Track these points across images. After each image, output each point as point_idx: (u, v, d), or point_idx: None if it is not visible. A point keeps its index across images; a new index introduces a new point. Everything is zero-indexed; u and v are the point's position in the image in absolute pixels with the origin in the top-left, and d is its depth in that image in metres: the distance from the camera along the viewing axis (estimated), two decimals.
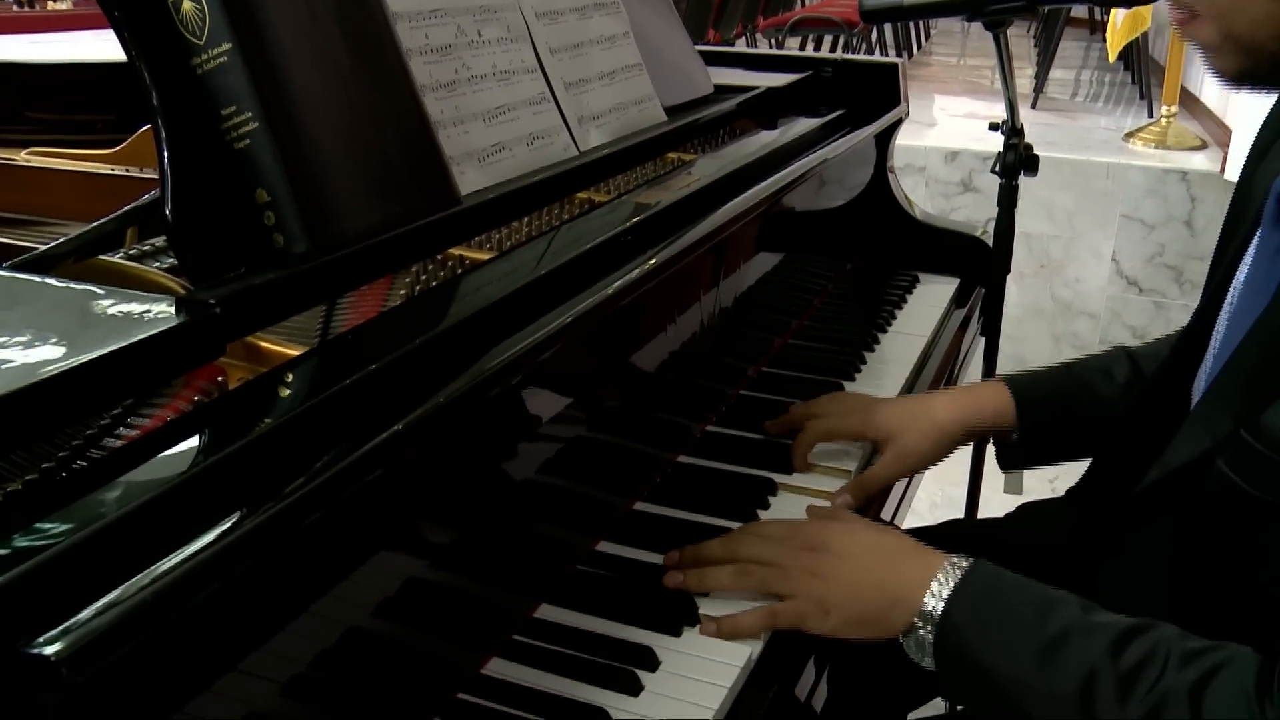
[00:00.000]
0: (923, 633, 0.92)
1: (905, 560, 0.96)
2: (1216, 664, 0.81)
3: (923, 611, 0.92)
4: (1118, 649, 0.84)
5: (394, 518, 0.82)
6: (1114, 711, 0.82)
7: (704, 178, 1.27)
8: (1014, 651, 0.87)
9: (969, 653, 0.90)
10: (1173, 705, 0.80)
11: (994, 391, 1.26)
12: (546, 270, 0.98)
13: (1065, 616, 0.88)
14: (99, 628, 0.56)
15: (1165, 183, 3.35)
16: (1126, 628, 0.85)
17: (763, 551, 1.00)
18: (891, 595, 0.94)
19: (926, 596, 0.92)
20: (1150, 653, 0.83)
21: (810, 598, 0.96)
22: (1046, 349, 3.58)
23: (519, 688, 0.91)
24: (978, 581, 0.92)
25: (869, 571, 0.97)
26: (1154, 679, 0.81)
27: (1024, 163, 1.80)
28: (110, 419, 0.74)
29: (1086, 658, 0.84)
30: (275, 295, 0.83)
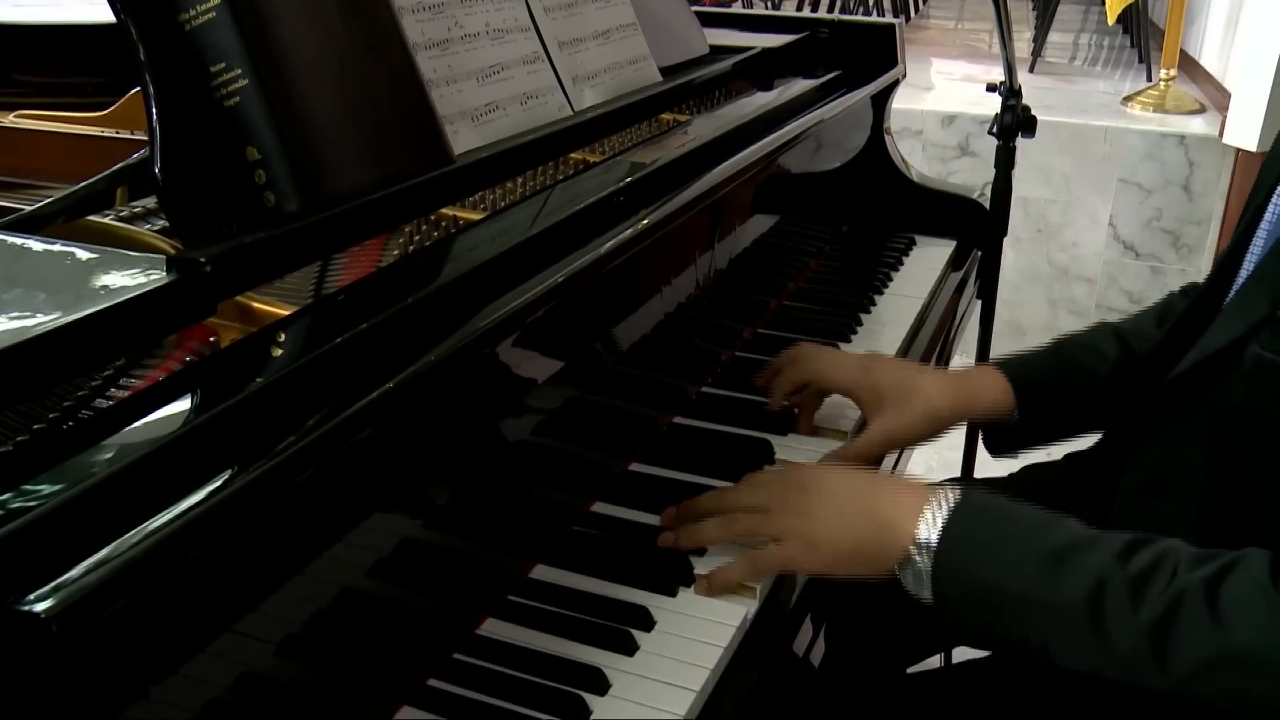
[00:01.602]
0: (919, 562, 0.90)
1: (894, 491, 0.95)
2: (1228, 562, 0.81)
3: (917, 539, 0.89)
4: (1125, 556, 0.83)
5: (387, 477, 0.82)
6: (1126, 616, 0.81)
7: (699, 138, 1.26)
8: (1017, 566, 0.85)
9: (969, 574, 0.88)
10: (1188, 603, 0.79)
11: (989, 377, 1.23)
12: (540, 230, 0.97)
13: (1067, 530, 0.87)
14: (89, 585, 0.56)
15: (1163, 147, 3.33)
16: (1131, 538, 0.85)
17: (750, 498, 1.00)
18: (881, 524, 0.92)
19: (921, 524, 0.90)
20: (1159, 558, 0.82)
21: (796, 536, 0.95)
22: (1043, 314, 3.57)
23: (514, 648, 0.91)
24: (972, 504, 0.90)
25: (856, 503, 0.95)
26: (1166, 580, 0.80)
27: (1022, 124, 1.80)
28: (102, 380, 0.73)
29: (1093, 566, 0.83)
30: (266, 254, 0.82)
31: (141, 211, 0.97)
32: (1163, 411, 1.00)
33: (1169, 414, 1.00)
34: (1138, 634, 0.80)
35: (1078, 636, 0.83)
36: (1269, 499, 0.91)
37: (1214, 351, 0.94)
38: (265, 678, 0.73)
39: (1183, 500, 0.96)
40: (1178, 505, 0.96)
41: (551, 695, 0.86)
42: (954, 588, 0.88)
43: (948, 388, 1.22)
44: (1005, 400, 1.22)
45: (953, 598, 0.89)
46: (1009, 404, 1.22)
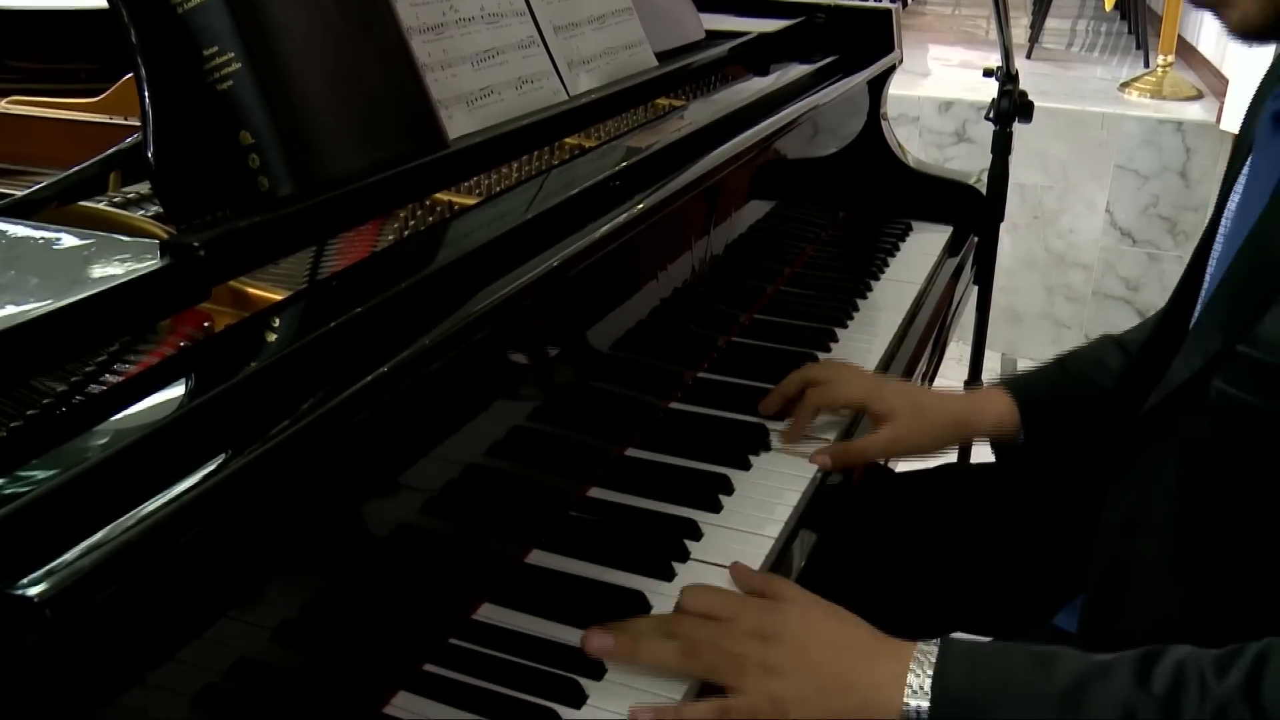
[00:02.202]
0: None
1: (870, 654, 0.85)
2: (1256, 658, 0.76)
3: (906, 714, 0.81)
4: (1143, 679, 0.77)
5: (381, 462, 0.82)
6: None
7: (695, 123, 1.26)
8: (1030, 716, 0.78)
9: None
10: (1233, 714, 0.73)
11: (995, 398, 1.24)
12: (535, 214, 0.97)
13: (1070, 663, 0.80)
14: (83, 569, 0.55)
15: (1160, 133, 3.33)
16: (1141, 656, 0.79)
17: (711, 633, 0.87)
18: (861, 697, 0.83)
19: (906, 694, 0.81)
20: (1179, 672, 0.76)
21: (765, 696, 0.84)
22: (1039, 300, 3.57)
23: (511, 633, 0.91)
24: (958, 658, 0.82)
25: (832, 670, 0.85)
26: (1198, 697, 0.75)
27: (1018, 109, 1.79)
28: (96, 365, 0.73)
29: (1115, 698, 0.76)
30: (260, 238, 0.82)
31: (135, 197, 0.97)
32: (1135, 447, 0.99)
33: (1141, 450, 0.98)
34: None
35: None
36: (1244, 532, 0.88)
37: (1177, 387, 0.92)
38: (260, 663, 0.73)
39: (1160, 536, 0.94)
40: (1155, 541, 0.94)
41: (547, 680, 0.86)
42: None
43: (956, 408, 1.25)
44: (1011, 419, 1.23)
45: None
46: (1014, 423, 1.23)
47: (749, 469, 1.14)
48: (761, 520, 1.05)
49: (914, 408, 1.21)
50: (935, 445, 1.23)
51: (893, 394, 1.22)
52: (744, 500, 1.09)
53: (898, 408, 1.20)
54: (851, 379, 1.25)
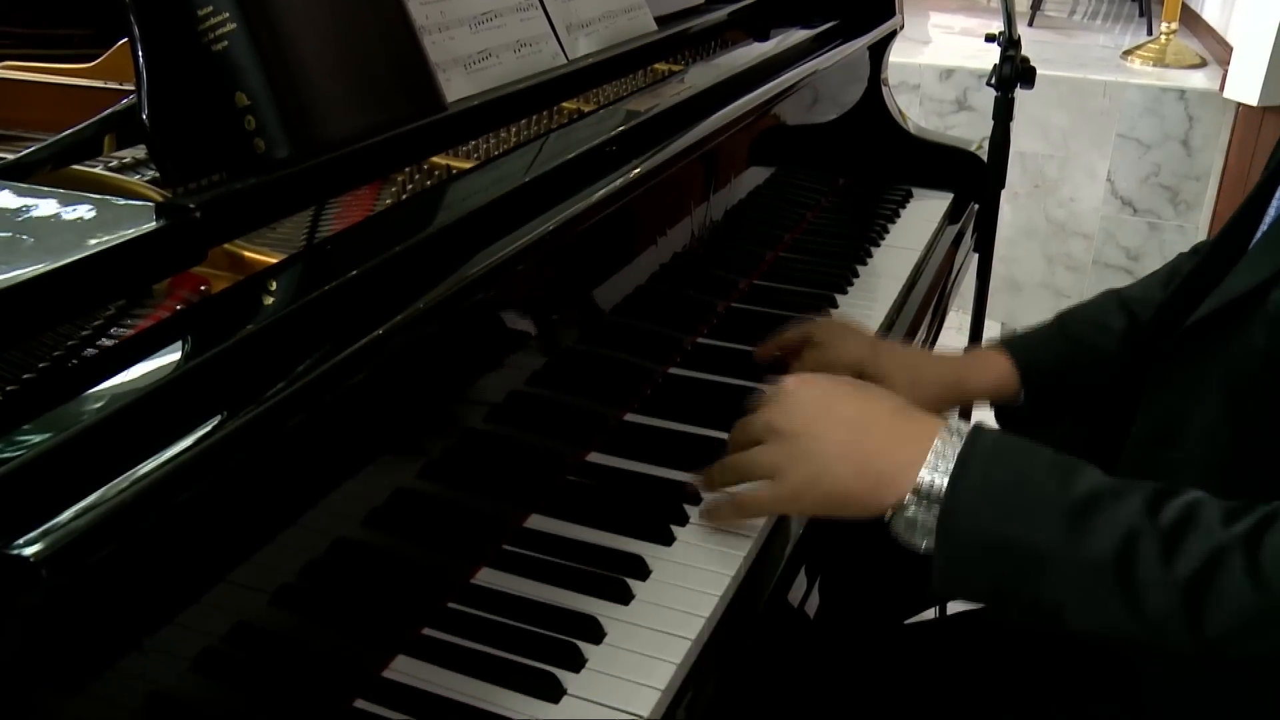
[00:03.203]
0: (915, 510, 0.84)
1: (894, 432, 0.89)
2: (1266, 516, 0.76)
3: (919, 487, 0.83)
4: (1154, 509, 0.78)
5: (378, 425, 0.81)
6: (1158, 574, 0.75)
7: (694, 87, 1.25)
8: (1037, 519, 0.79)
9: (983, 525, 0.81)
10: (1227, 561, 0.74)
11: (994, 361, 1.23)
12: (532, 178, 0.96)
13: (1090, 479, 0.81)
14: (79, 529, 0.55)
15: (1163, 102, 3.30)
16: (1157, 489, 0.80)
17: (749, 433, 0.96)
18: (877, 471, 0.87)
19: (922, 471, 0.83)
20: (1190, 511, 0.77)
21: (781, 486, 0.92)
22: (1040, 269, 3.56)
23: (510, 597, 0.91)
24: (984, 448, 0.84)
25: (846, 450, 0.89)
26: (1201, 535, 0.76)
27: (1020, 75, 1.78)
28: (92, 329, 0.73)
29: (1122, 519, 0.77)
30: (256, 200, 0.81)
31: (130, 161, 0.96)
32: (1178, 358, 0.98)
33: (1185, 361, 0.97)
34: (1170, 593, 0.75)
35: (1101, 595, 0.77)
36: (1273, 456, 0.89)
37: (1236, 296, 0.92)
38: (258, 626, 0.73)
39: (1194, 447, 0.94)
40: (1188, 451, 0.94)
41: (546, 644, 0.86)
42: (962, 539, 0.82)
43: (954, 370, 1.23)
44: (1010, 382, 1.22)
45: (958, 549, 0.82)
46: (1014, 386, 1.22)
47: None
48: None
49: (911, 373, 1.20)
50: (933, 409, 1.21)
51: (889, 359, 1.21)
52: None
53: (895, 374, 1.19)
54: (849, 342, 1.24)
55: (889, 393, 0.93)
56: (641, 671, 0.84)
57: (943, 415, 0.90)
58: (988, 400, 1.25)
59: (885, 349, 1.24)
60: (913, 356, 1.26)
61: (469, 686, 0.83)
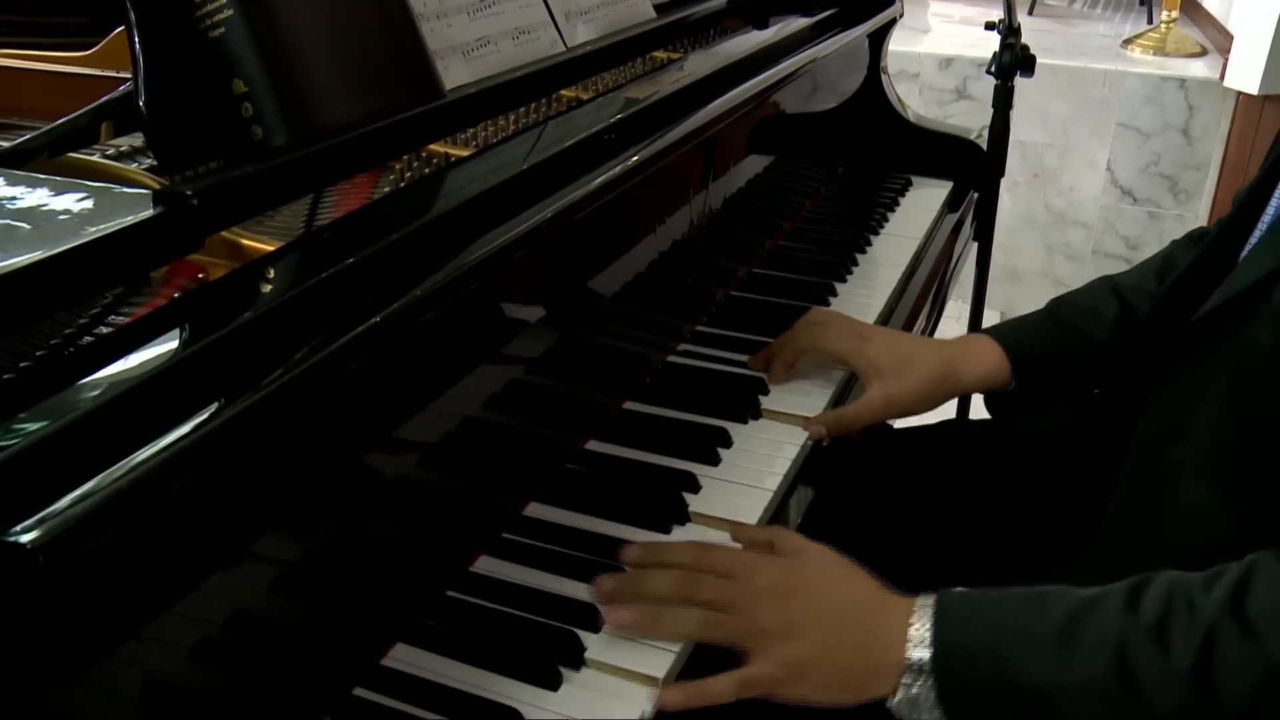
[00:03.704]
0: (916, 689, 0.82)
1: (878, 612, 0.86)
2: (1240, 575, 0.77)
3: (909, 665, 0.81)
4: (1132, 606, 0.78)
5: (376, 412, 0.81)
6: (1159, 667, 0.75)
7: (693, 74, 1.25)
8: (1026, 657, 0.79)
9: (980, 679, 0.80)
10: (1221, 630, 0.74)
11: (984, 348, 1.22)
12: (530, 165, 0.96)
13: (1061, 600, 0.81)
14: (75, 516, 0.55)
15: (1163, 90, 3.30)
16: (1129, 586, 0.80)
17: (727, 594, 0.87)
18: (874, 658, 0.83)
19: (908, 647, 0.82)
20: (1167, 596, 0.78)
21: (783, 659, 0.84)
22: (1039, 259, 3.56)
23: (509, 585, 0.91)
24: (955, 607, 0.83)
25: (848, 629, 0.85)
26: (1186, 617, 0.76)
27: (1020, 63, 1.78)
28: (89, 318, 0.72)
29: (1107, 629, 0.78)
30: (254, 188, 0.81)
31: (128, 150, 0.96)
32: (1183, 354, 0.97)
33: (1190, 356, 0.96)
34: (1177, 684, 0.75)
35: (1113, 707, 0.77)
36: None
37: (1241, 290, 0.91)
38: (256, 614, 0.73)
39: (1200, 444, 0.93)
40: (1194, 449, 0.94)
41: (545, 632, 0.86)
42: (964, 700, 0.81)
43: (944, 358, 1.21)
44: (1000, 370, 1.21)
45: (965, 709, 0.81)
46: (1004, 373, 1.21)
47: (747, 423, 1.13)
48: (759, 473, 1.05)
49: (899, 364, 1.19)
50: (927, 406, 1.20)
51: (877, 350, 1.20)
52: (742, 453, 1.09)
53: (883, 365, 1.18)
54: (838, 330, 1.23)
55: (864, 572, 0.89)
56: (640, 661, 0.84)
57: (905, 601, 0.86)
58: (978, 390, 1.24)
59: (875, 338, 1.23)
60: (902, 346, 1.23)
61: (468, 674, 0.83)
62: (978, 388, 1.24)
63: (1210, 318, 0.94)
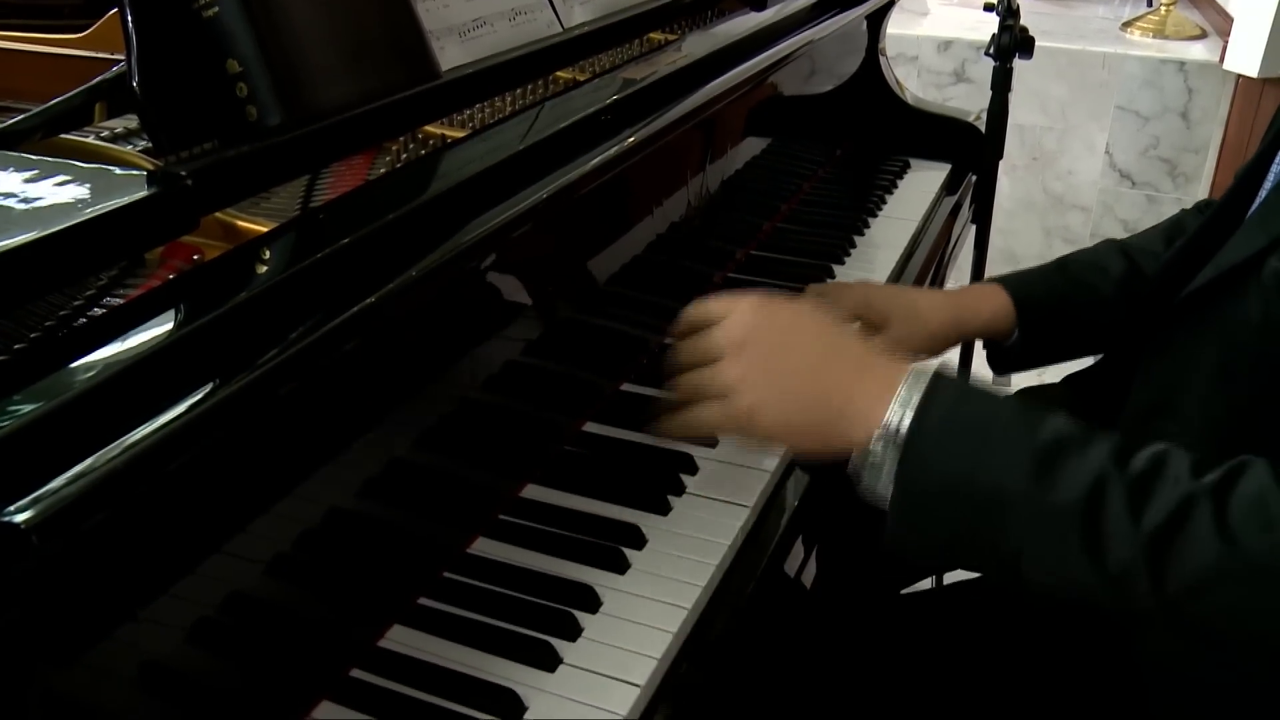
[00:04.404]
0: (879, 452, 0.79)
1: (857, 372, 0.83)
2: (1232, 467, 0.75)
3: (886, 427, 0.78)
4: (1122, 457, 0.75)
5: (372, 393, 0.81)
6: (1124, 524, 0.73)
7: (690, 55, 1.24)
8: (1002, 460, 0.76)
9: (945, 464, 0.77)
10: (1195, 509, 0.72)
11: (990, 294, 1.22)
12: (527, 146, 0.95)
13: (1058, 425, 0.78)
14: (69, 496, 0.55)
15: (1162, 73, 3.29)
16: (1125, 440, 0.77)
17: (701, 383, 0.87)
18: (840, 407, 0.81)
19: (890, 409, 0.79)
20: (1159, 460, 0.75)
21: (733, 405, 0.84)
22: (1037, 243, 3.55)
23: (506, 566, 0.91)
24: (950, 387, 0.80)
25: (817, 378, 0.83)
26: (1169, 486, 0.73)
27: (1019, 44, 1.77)
28: (84, 299, 0.72)
29: (1090, 466, 0.74)
30: (249, 168, 0.80)
31: (123, 132, 0.96)
32: (1174, 328, 0.96)
33: (1181, 330, 0.96)
34: (1134, 543, 0.73)
35: (1063, 543, 0.74)
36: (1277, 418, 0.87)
37: (1232, 265, 0.90)
38: (252, 596, 0.73)
39: (1189, 418, 0.93)
40: (1184, 423, 0.93)
41: (543, 613, 0.86)
42: (922, 477, 0.78)
43: (949, 303, 1.22)
44: (1006, 316, 1.21)
45: (918, 488, 0.78)
46: (1009, 320, 1.21)
47: None
48: (756, 457, 1.05)
49: (907, 313, 1.18)
50: (933, 348, 1.20)
51: (886, 301, 1.19)
52: None
53: (891, 316, 1.18)
54: (843, 293, 1.22)
55: (856, 331, 0.88)
56: (637, 641, 0.84)
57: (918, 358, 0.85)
58: (983, 335, 1.24)
59: (879, 292, 1.23)
60: (909, 295, 1.24)
61: (465, 656, 0.83)
62: (982, 333, 1.24)
63: (1200, 293, 0.94)
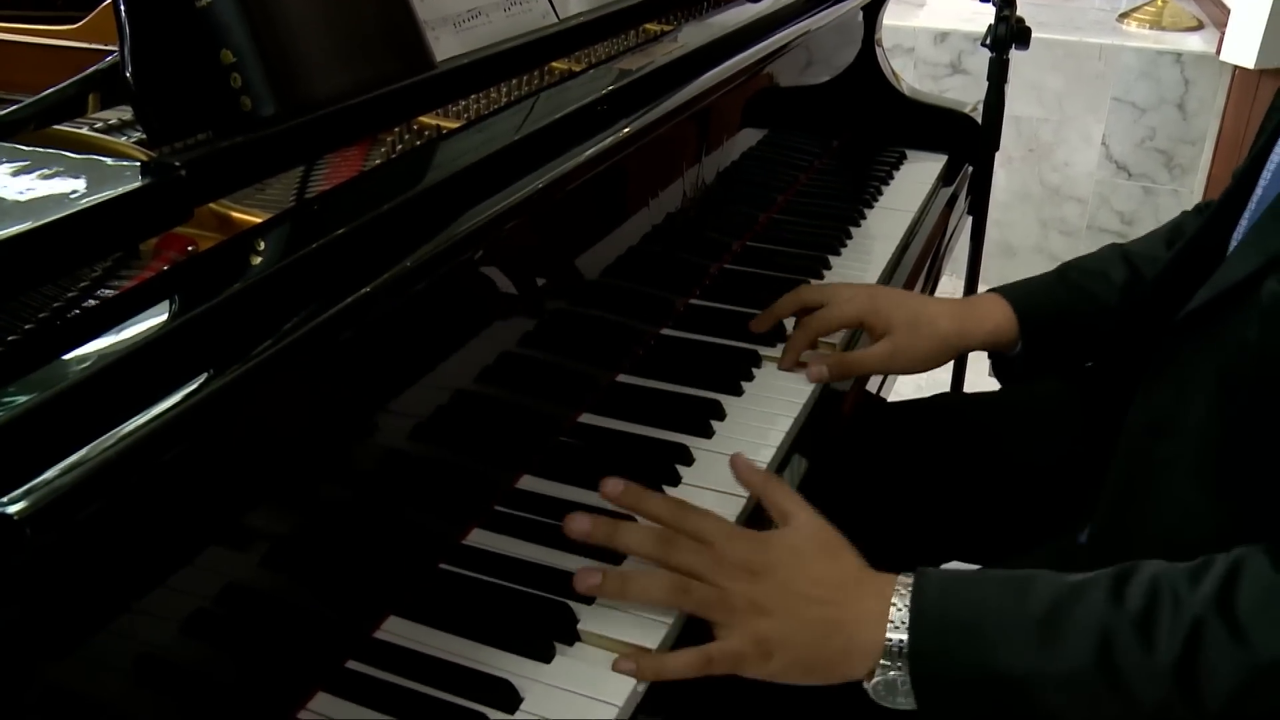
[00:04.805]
0: (893, 672, 0.80)
1: (856, 591, 0.84)
2: (1229, 568, 0.75)
3: (889, 648, 0.80)
4: (1117, 597, 0.76)
5: (367, 385, 0.81)
6: (1143, 662, 0.74)
7: (685, 46, 1.24)
8: (1005, 645, 0.77)
9: (957, 667, 0.79)
10: (1207, 631, 0.73)
11: (993, 305, 1.22)
12: (522, 136, 0.95)
13: (1044, 587, 0.79)
14: (63, 487, 0.55)
15: (1159, 65, 3.29)
16: (1114, 574, 0.78)
17: (699, 562, 0.85)
18: (847, 637, 0.81)
19: (888, 628, 0.80)
20: (1152, 588, 0.76)
21: (751, 638, 0.82)
22: (1034, 234, 3.55)
23: (501, 558, 0.91)
24: (933, 587, 0.81)
25: (819, 609, 0.83)
26: (1172, 611, 0.74)
27: (1015, 35, 1.77)
28: (78, 291, 0.72)
29: (1090, 620, 0.76)
30: (243, 159, 0.80)
31: (117, 123, 0.95)
32: (1174, 348, 0.96)
33: (1180, 350, 0.95)
34: (1161, 679, 0.74)
35: (1093, 699, 0.76)
36: (1274, 441, 0.87)
37: (1228, 287, 0.89)
38: (248, 588, 0.72)
39: (1187, 440, 0.92)
40: (1182, 444, 0.93)
41: (539, 604, 0.86)
42: (938, 684, 0.79)
43: (954, 315, 1.21)
44: (1009, 328, 1.21)
45: (938, 694, 0.79)
46: (1012, 332, 1.21)
47: (741, 395, 1.13)
48: (753, 446, 1.05)
49: (911, 322, 1.19)
50: (934, 362, 1.20)
51: (890, 309, 1.19)
52: (736, 426, 1.08)
53: (895, 323, 1.18)
54: (846, 299, 1.22)
55: (851, 551, 0.88)
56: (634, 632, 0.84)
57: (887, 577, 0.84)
58: (986, 347, 1.24)
59: (884, 297, 1.22)
60: (914, 303, 1.23)
61: (461, 647, 0.82)
62: (984, 346, 1.23)
63: (1198, 314, 0.93)
